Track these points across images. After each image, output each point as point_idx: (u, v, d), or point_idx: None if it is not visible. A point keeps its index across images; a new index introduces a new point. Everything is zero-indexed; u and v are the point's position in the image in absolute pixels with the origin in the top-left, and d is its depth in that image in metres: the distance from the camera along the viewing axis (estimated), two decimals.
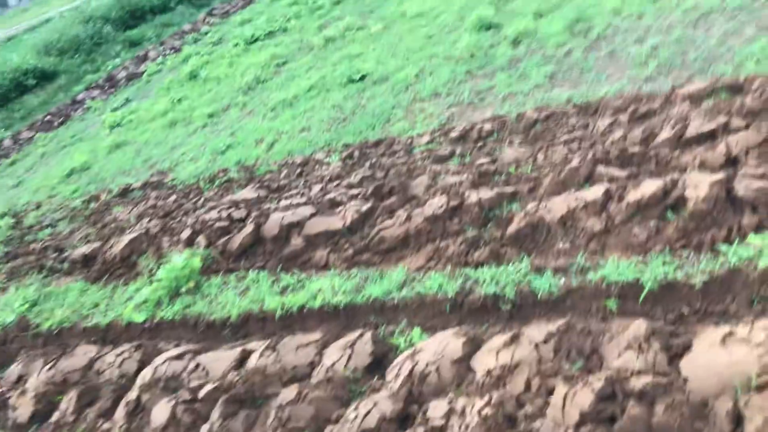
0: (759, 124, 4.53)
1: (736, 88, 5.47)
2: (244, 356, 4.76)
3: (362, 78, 9.83)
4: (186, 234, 6.97)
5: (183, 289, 5.99)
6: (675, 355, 3.37)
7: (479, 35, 9.36)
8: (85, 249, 7.81)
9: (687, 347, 3.36)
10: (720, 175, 4.31)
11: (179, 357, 5.02)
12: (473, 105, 7.49)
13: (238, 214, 7.00)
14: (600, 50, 7.47)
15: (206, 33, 18.74)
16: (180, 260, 6.09)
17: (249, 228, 6.45)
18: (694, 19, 7.20)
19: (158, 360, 5.09)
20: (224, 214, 7.03)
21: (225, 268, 6.24)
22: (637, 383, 3.15)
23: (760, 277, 3.54)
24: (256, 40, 15.14)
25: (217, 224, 6.83)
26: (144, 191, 9.27)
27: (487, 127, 6.49)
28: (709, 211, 4.15)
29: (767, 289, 3.50)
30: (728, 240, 3.98)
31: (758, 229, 3.92)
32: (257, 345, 4.81)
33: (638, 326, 3.50)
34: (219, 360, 4.79)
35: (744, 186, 4.17)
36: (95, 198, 9.82)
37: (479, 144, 6.38)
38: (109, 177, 10.65)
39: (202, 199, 7.99)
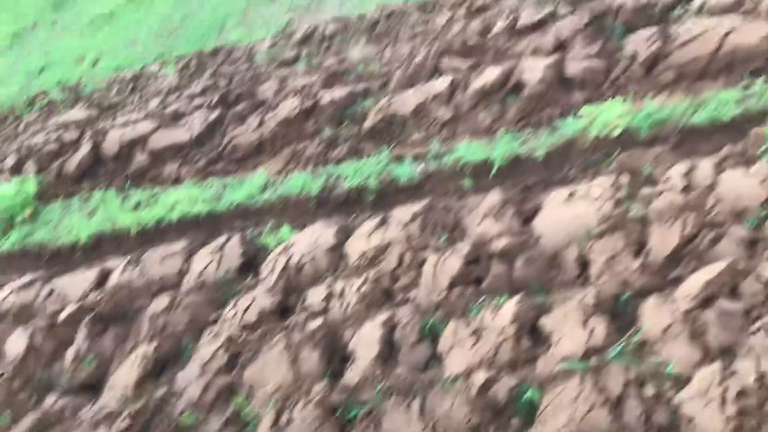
0: (582, 10, 4.93)
1: None
2: (104, 275, 4.53)
3: None
4: (11, 162, 6.31)
5: (18, 219, 5.48)
6: (527, 218, 3.73)
7: None
8: None
9: (536, 211, 3.72)
10: (552, 59, 4.67)
11: (27, 286, 4.66)
12: (311, 8, 7.35)
13: (69, 136, 6.43)
14: None
15: None
16: (10, 188, 5.53)
17: (86, 148, 5.99)
18: None
19: (2, 293, 4.69)
20: (53, 136, 6.43)
21: (64, 192, 5.77)
22: (498, 245, 3.46)
23: (591, 144, 3.97)
24: None
25: (47, 148, 6.25)
26: None
27: (331, 28, 6.44)
28: (544, 92, 4.52)
29: (599, 153, 3.94)
30: (563, 116, 4.38)
31: (587, 103, 4.34)
32: (116, 263, 4.59)
33: (493, 196, 3.81)
34: (75, 282, 4.52)
35: (573, 66, 4.57)
36: None
37: (325, 45, 6.33)
38: None
39: (23, 124, 7.23)
